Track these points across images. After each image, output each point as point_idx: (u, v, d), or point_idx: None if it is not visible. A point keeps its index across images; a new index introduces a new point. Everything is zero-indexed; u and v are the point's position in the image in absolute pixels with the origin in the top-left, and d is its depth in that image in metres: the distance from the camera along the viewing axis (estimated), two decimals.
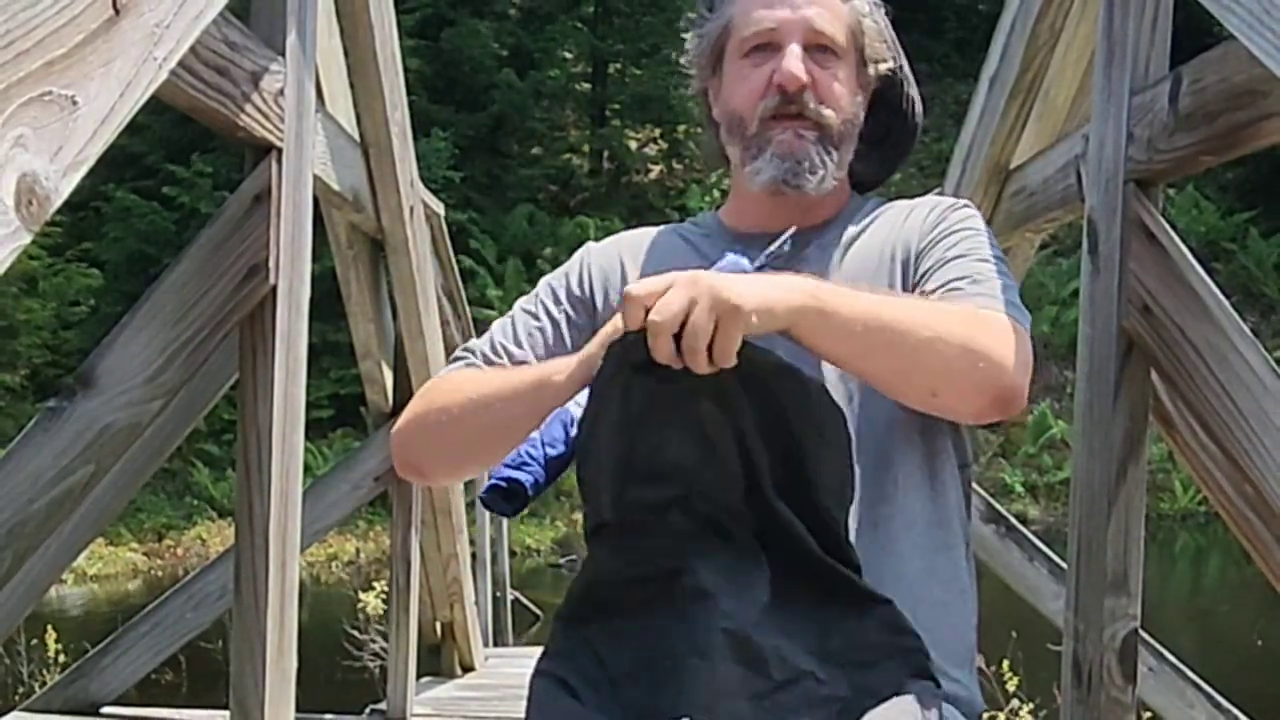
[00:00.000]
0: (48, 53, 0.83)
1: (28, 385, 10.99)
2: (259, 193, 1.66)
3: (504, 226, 13.93)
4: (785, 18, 1.13)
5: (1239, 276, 13.12)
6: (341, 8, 2.31)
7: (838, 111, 1.14)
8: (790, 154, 1.13)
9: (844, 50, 1.15)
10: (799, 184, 1.13)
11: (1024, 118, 2.26)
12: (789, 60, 1.11)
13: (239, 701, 1.66)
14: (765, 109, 1.13)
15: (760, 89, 1.13)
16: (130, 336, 1.57)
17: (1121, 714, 1.48)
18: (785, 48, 1.12)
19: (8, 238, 0.79)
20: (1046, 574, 2.77)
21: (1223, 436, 1.34)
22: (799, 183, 1.13)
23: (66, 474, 1.49)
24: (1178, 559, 10.31)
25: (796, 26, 1.12)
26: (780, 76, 1.11)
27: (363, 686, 4.59)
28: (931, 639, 1.01)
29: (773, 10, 1.13)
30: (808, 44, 1.13)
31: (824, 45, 1.13)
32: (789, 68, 1.11)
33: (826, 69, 1.13)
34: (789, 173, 1.13)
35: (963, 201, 1.20)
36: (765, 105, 1.13)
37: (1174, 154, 1.42)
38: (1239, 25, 1.17)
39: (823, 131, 1.13)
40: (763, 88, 1.13)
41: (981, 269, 1.09)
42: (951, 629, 1.11)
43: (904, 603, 1.02)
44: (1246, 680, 4.82)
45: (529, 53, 14.92)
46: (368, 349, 3.11)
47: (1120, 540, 1.48)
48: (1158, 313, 1.43)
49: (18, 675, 4.88)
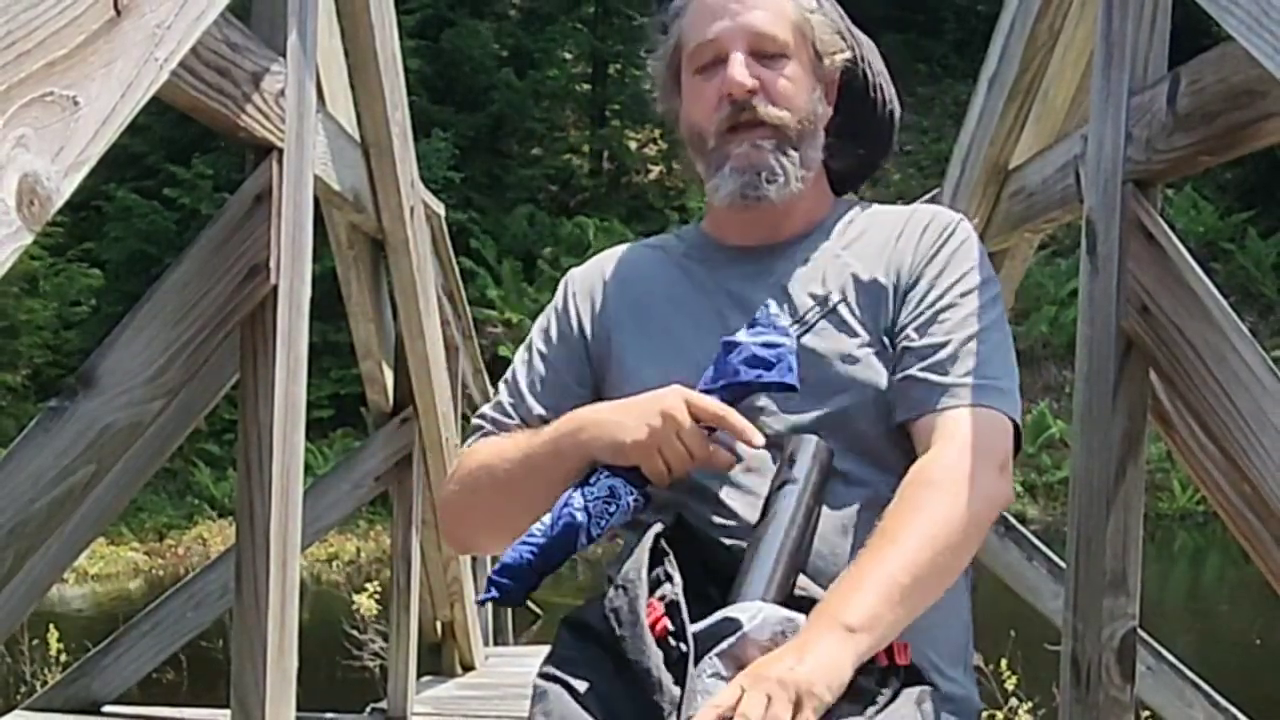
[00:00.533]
0: (49, 53, 0.84)
1: (29, 385, 11.00)
2: (260, 193, 1.66)
3: (504, 227, 13.93)
4: (725, 27, 1.12)
5: (1237, 276, 13.13)
6: (342, 8, 2.31)
7: (792, 110, 1.13)
8: (749, 166, 1.13)
9: (793, 48, 1.14)
10: (760, 195, 1.13)
11: (1023, 118, 2.26)
12: (733, 68, 1.11)
13: (240, 700, 1.67)
14: (720, 122, 1.13)
15: (713, 102, 1.13)
16: (131, 336, 1.57)
17: (1120, 713, 1.48)
18: (730, 56, 1.12)
19: (9, 238, 0.79)
20: (1045, 573, 2.77)
21: (1221, 436, 1.34)
22: (760, 194, 1.13)
23: (68, 473, 1.49)
24: (1176, 558, 10.32)
25: (738, 34, 1.12)
26: (726, 86, 1.11)
27: (363, 685, 4.59)
28: (926, 639, 1.03)
29: (714, 22, 1.13)
30: (753, 49, 1.12)
31: (769, 48, 1.13)
32: (733, 75, 1.11)
33: (775, 70, 1.13)
34: (748, 185, 1.13)
35: (956, 222, 1.18)
36: (719, 118, 1.13)
37: (1172, 154, 1.42)
38: (1237, 26, 1.17)
39: (779, 135, 1.13)
40: (715, 101, 1.12)
41: (966, 338, 1.09)
42: (946, 629, 1.11)
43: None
44: (1245, 679, 4.83)
45: (529, 53, 14.94)
46: (368, 349, 3.11)
47: (1119, 539, 1.49)
48: (1156, 313, 1.43)
49: (20, 674, 4.88)
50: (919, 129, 15.38)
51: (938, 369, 1.07)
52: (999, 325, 1.13)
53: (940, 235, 1.15)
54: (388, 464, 3.19)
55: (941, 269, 1.13)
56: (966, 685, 1.12)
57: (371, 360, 3.13)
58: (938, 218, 1.18)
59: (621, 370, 1.16)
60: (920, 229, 1.16)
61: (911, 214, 1.19)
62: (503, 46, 14.81)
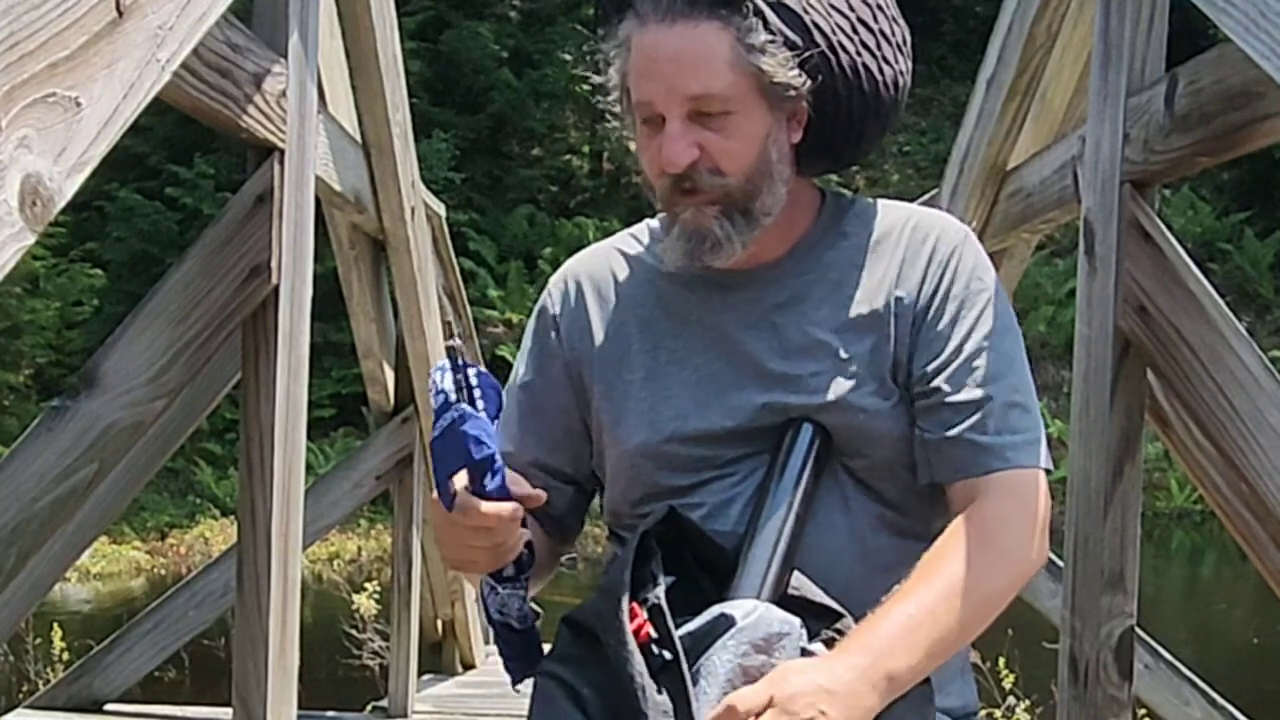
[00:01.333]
0: (52, 55, 0.84)
1: (32, 384, 11.00)
2: (261, 193, 1.66)
3: (504, 227, 13.92)
4: (659, 91, 1.02)
5: (1234, 277, 13.09)
6: (343, 10, 2.32)
7: (736, 173, 1.03)
8: (695, 231, 1.05)
9: (738, 99, 1.02)
10: (705, 261, 1.06)
11: (1021, 119, 2.27)
12: (668, 143, 1.02)
13: (242, 699, 1.67)
14: (663, 189, 1.05)
15: (656, 167, 1.05)
16: (134, 336, 1.58)
17: (1118, 710, 1.49)
18: (667, 120, 1.02)
19: (12, 238, 0.79)
20: (1043, 572, 2.76)
21: (1218, 435, 1.35)
22: (705, 260, 1.06)
23: (70, 472, 1.50)
24: (1174, 557, 10.31)
25: (673, 99, 1.01)
26: (662, 160, 1.03)
27: (364, 683, 4.59)
28: None
29: (650, 81, 1.02)
30: (691, 112, 1.02)
31: (710, 107, 1.02)
32: (669, 154, 1.02)
33: (717, 130, 1.02)
34: (692, 253, 1.06)
35: (962, 241, 1.09)
36: (661, 187, 1.05)
37: (1170, 155, 1.42)
38: (1234, 28, 1.17)
39: (725, 200, 1.04)
40: (658, 166, 1.04)
41: (1002, 388, 1.04)
42: None
43: None
44: (1242, 677, 4.84)
45: (529, 55, 14.92)
46: (369, 349, 3.12)
47: (1116, 538, 1.49)
48: (1154, 313, 1.44)
49: (23, 672, 4.88)
50: (917, 129, 15.36)
51: (979, 429, 1.03)
52: (1022, 359, 1.08)
53: (950, 258, 1.08)
54: (389, 463, 3.20)
55: (960, 304, 1.06)
56: (964, 692, 1.12)
57: (373, 360, 3.14)
58: (943, 236, 1.09)
59: (601, 428, 1.12)
60: (927, 255, 1.08)
61: (912, 230, 1.10)
62: (502, 48, 14.78)
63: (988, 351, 1.05)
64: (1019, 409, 1.05)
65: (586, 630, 0.99)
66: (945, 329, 1.06)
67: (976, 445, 1.03)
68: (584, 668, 0.97)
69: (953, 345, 1.05)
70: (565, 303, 1.16)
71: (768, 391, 1.06)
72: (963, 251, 1.09)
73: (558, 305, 1.17)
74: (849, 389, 1.05)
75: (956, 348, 1.05)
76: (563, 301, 1.16)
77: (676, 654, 0.92)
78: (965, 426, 1.03)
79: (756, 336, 1.08)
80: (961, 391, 1.04)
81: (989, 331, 1.06)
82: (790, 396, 1.05)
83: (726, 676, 0.93)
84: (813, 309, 1.08)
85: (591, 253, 1.20)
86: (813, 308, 1.08)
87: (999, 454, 1.03)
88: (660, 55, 1.02)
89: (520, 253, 13.74)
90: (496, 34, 14.77)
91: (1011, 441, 1.03)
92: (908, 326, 1.06)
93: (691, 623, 0.96)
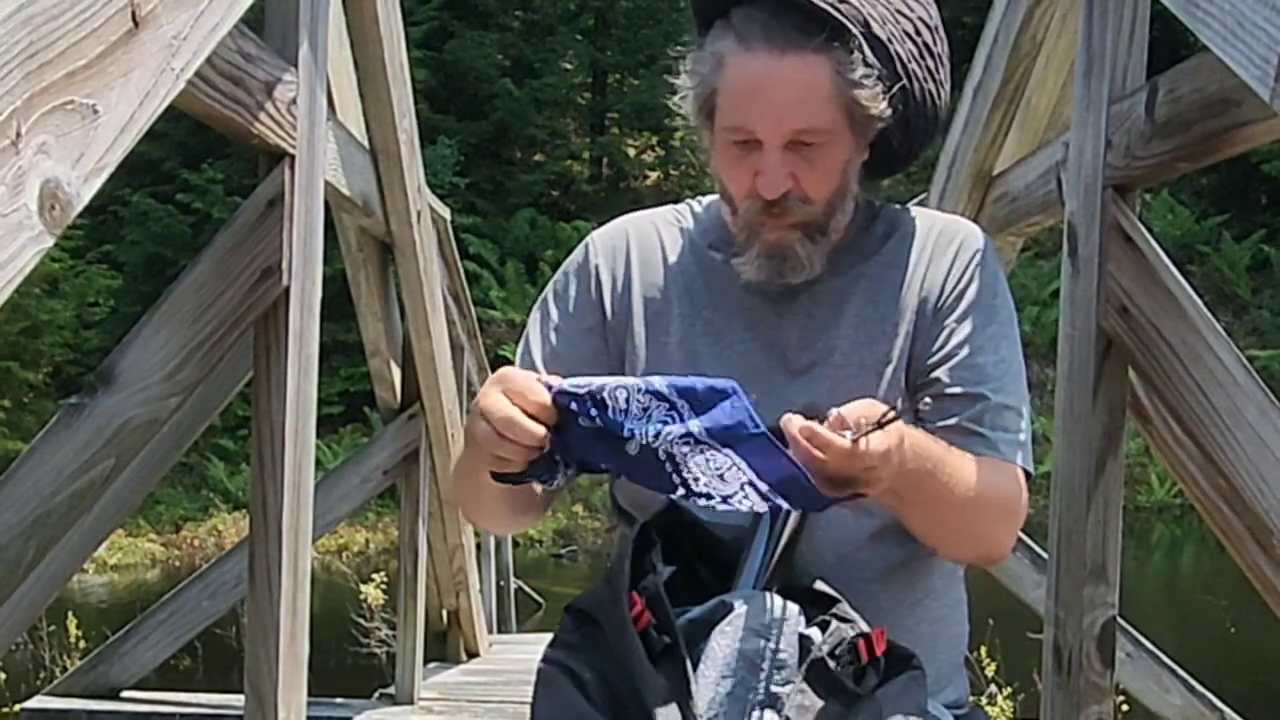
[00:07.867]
0: (70, 64, 0.85)
1: (50, 382, 11.04)
2: (272, 198, 1.68)
3: (506, 230, 13.95)
4: (763, 119, 1.03)
5: (1212, 278, 13.15)
6: (352, 20, 2.35)
7: (821, 199, 1.07)
8: (777, 251, 1.08)
9: (834, 130, 1.05)
10: (787, 279, 1.09)
11: (1006, 125, 2.28)
12: (767, 172, 1.04)
13: (254, 686, 1.70)
14: (749, 209, 1.07)
15: (745, 185, 1.06)
16: (149, 336, 1.60)
17: (1100, 698, 1.51)
18: (765, 147, 1.04)
19: (32, 241, 0.80)
20: (1028, 564, 2.80)
21: (1197, 432, 1.36)
22: (787, 279, 1.09)
23: (88, 468, 1.52)
24: (1154, 549, 10.34)
25: (775, 129, 1.03)
26: (758, 185, 1.05)
27: (372, 671, 4.63)
28: (929, 656, 1.04)
29: (752, 105, 1.03)
30: (790, 141, 1.04)
31: (809, 139, 1.04)
32: (767, 184, 1.04)
33: (811, 158, 1.05)
34: (773, 272, 1.08)
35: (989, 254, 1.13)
36: (749, 205, 1.07)
37: (1151, 160, 1.44)
38: (1213, 38, 1.19)
39: (807, 225, 1.07)
40: (747, 184, 1.06)
41: (1003, 396, 1.08)
42: (949, 641, 1.15)
43: (905, 621, 1.07)
44: (1220, 665, 4.88)
45: (530, 63, 14.94)
46: (377, 348, 3.16)
47: (1099, 531, 1.51)
48: (1135, 313, 1.45)
49: (40, 661, 4.94)
50: None
51: (975, 420, 1.08)
52: (1021, 369, 1.12)
53: (971, 262, 1.12)
54: (396, 458, 3.23)
55: (974, 306, 1.11)
56: (960, 689, 1.15)
57: (380, 359, 3.18)
58: (967, 241, 1.14)
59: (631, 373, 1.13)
60: (950, 259, 1.12)
61: (939, 235, 1.14)
62: (505, 57, 14.81)
63: (992, 355, 1.09)
64: (1013, 412, 1.09)
65: (589, 618, 1.01)
66: (957, 327, 1.10)
67: (970, 432, 1.07)
68: (586, 654, 1.00)
69: (961, 343, 1.09)
70: (611, 255, 1.16)
71: (791, 384, 1.10)
72: (984, 258, 1.13)
73: (600, 256, 1.17)
74: (869, 388, 1.08)
75: (964, 345, 1.09)
76: (609, 254, 1.17)
77: (675, 639, 0.95)
78: (962, 417, 1.08)
79: (790, 327, 1.11)
80: (962, 386, 1.08)
81: (996, 336, 1.10)
82: (811, 391, 1.08)
83: (725, 660, 0.95)
84: (846, 309, 1.11)
85: (636, 217, 1.20)
86: (846, 307, 1.11)
87: (991, 444, 1.07)
88: (770, 85, 1.03)
89: (522, 255, 13.77)
90: (499, 44, 14.82)
91: (1004, 438, 1.08)
92: (926, 323, 1.11)
93: (691, 611, 0.99)
